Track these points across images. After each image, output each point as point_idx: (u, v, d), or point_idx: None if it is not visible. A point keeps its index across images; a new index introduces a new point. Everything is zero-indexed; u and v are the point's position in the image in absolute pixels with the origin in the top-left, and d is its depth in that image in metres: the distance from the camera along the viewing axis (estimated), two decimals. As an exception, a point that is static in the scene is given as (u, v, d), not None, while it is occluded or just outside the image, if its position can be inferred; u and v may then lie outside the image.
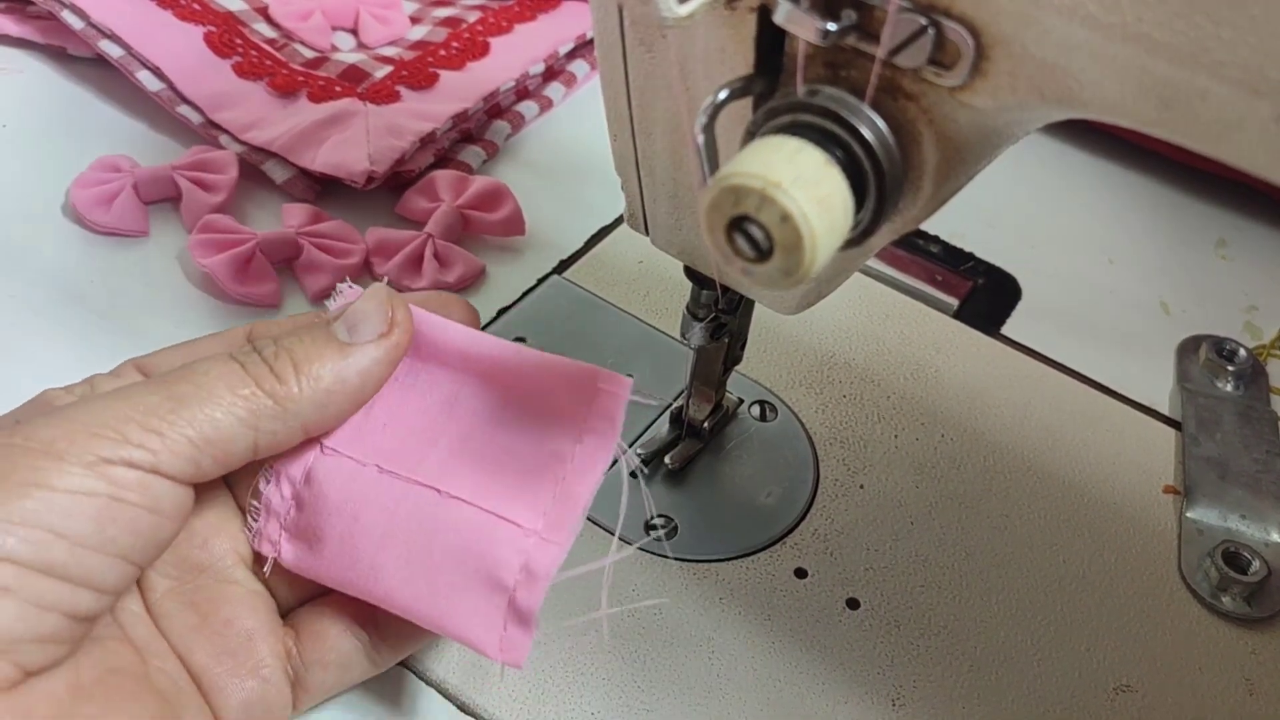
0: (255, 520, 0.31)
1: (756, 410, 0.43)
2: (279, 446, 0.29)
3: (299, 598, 0.33)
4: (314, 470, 0.31)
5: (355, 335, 0.30)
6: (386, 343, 0.30)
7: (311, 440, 0.31)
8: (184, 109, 0.52)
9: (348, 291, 0.33)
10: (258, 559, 0.32)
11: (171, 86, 0.52)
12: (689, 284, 0.36)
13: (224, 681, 0.30)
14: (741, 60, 0.26)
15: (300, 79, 0.54)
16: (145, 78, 0.53)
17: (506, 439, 0.32)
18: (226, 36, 0.55)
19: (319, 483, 0.31)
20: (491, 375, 0.32)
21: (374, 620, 0.32)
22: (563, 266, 0.49)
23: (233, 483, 0.32)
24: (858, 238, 0.25)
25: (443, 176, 0.50)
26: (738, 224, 0.23)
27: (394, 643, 0.32)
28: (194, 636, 0.30)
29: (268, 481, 0.31)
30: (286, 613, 0.33)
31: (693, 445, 0.41)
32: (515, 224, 0.50)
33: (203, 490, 0.30)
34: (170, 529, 0.28)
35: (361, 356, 0.30)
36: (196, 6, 0.56)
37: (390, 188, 0.51)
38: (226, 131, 0.51)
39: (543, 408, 0.32)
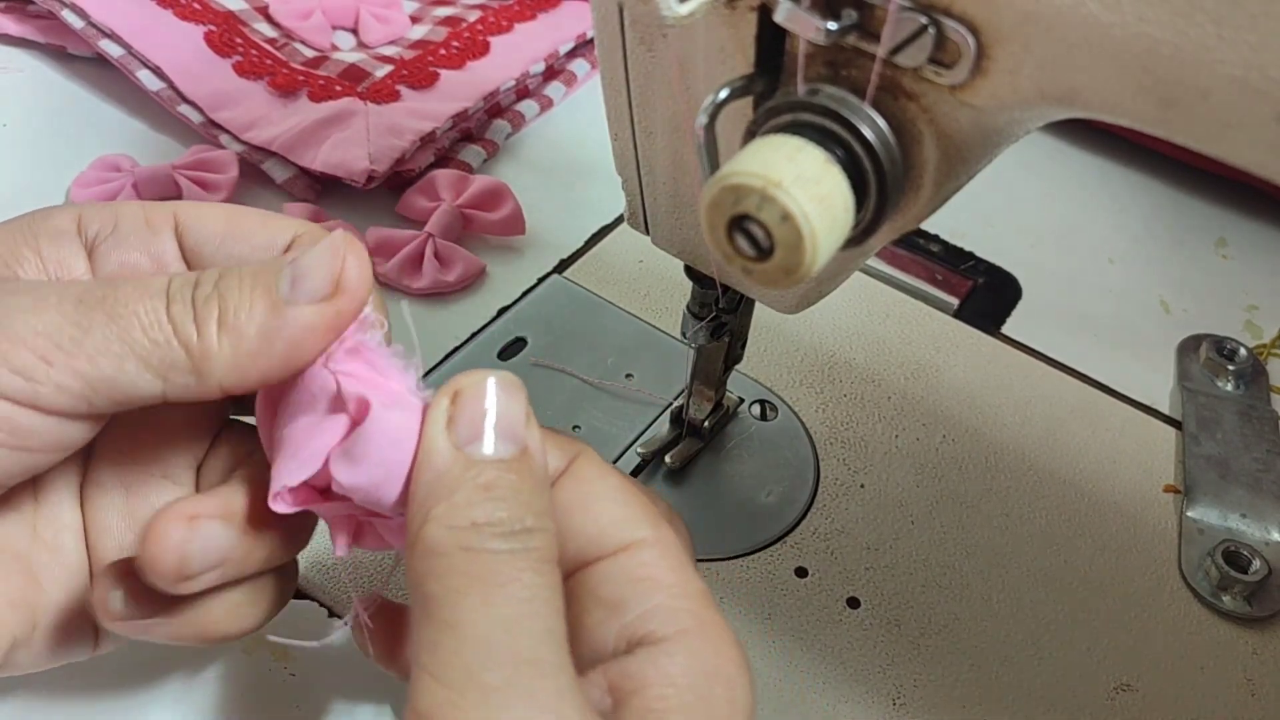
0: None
1: (757, 409, 0.43)
2: (194, 399, 0.25)
3: None
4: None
5: (295, 292, 0.25)
6: (326, 309, 0.25)
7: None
8: (184, 108, 0.52)
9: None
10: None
11: (172, 86, 0.52)
12: (689, 283, 0.36)
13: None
14: (742, 59, 0.25)
15: (300, 78, 0.54)
16: (145, 77, 0.53)
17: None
18: (227, 36, 0.55)
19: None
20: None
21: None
22: (563, 266, 0.49)
23: None
24: (858, 237, 0.25)
25: (443, 176, 0.50)
26: (738, 223, 0.23)
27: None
28: (111, 504, 0.28)
29: None
30: None
31: (693, 444, 0.41)
32: (515, 223, 0.50)
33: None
34: (41, 460, 0.25)
35: (295, 320, 0.25)
36: (197, 6, 0.56)
37: (390, 187, 0.51)
38: (227, 131, 0.51)
39: None
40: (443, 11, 0.60)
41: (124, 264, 0.28)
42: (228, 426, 0.30)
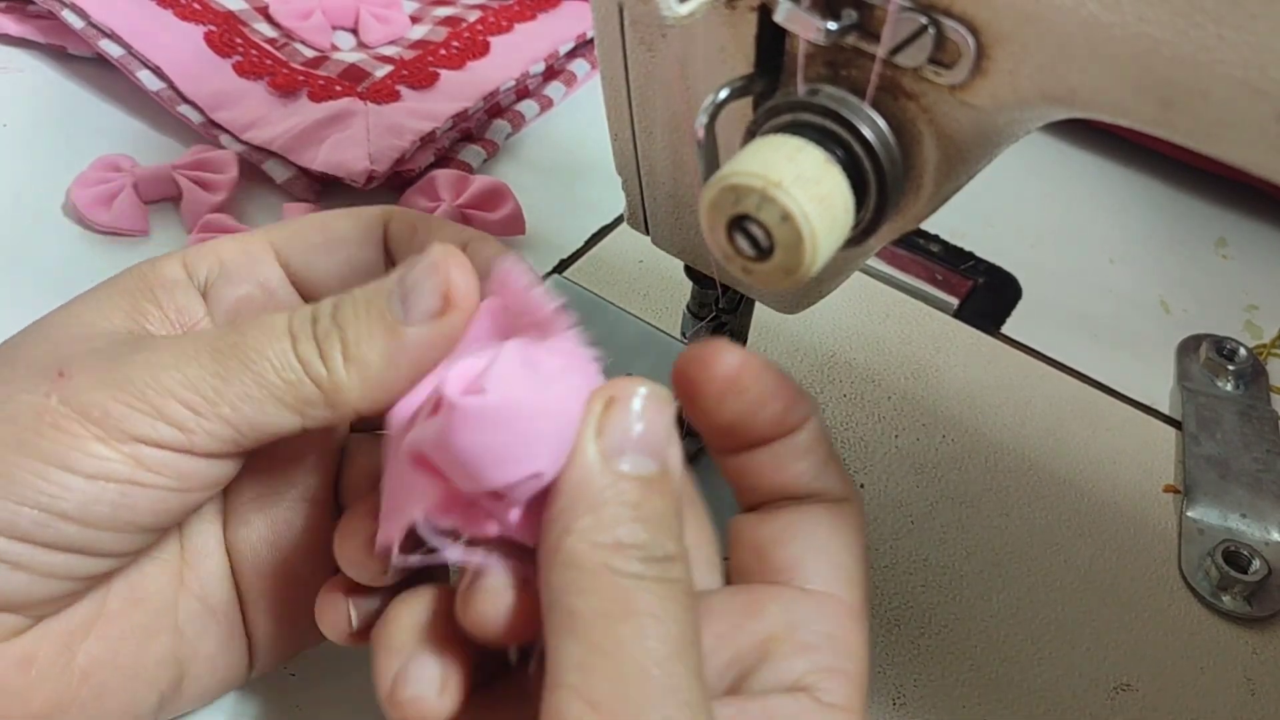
0: None
1: (757, 410, 0.43)
2: (331, 425, 0.27)
3: None
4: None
5: (408, 313, 0.26)
6: (441, 324, 0.26)
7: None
8: (184, 108, 0.52)
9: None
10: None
11: (172, 86, 0.52)
12: (689, 283, 0.36)
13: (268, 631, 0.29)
14: (742, 59, 0.25)
15: (300, 78, 0.53)
16: (145, 77, 0.53)
17: None
18: (227, 36, 0.55)
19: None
20: None
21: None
22: (563, 266, 0.49)
23: None
24: (858, 237, 0.25)
25: (443, 176, 0.50)
26: (738, 223, 0.23)
27: None
28: (258, 550, 0.30)
29: None
30: None
31: (693, 444, 0.41)
32: (515, 223, 0.50)
33: None
34: (198, 498, 0.27)
35: (413, 341, 0.26)
36: (197, 6, 0.56)
37: (390, 187, 0.51)
38: (227, 131, 0.51)
39: None
40: (443, 11, 0.60)
41: (239, 299, 0.30)
42: (353, 441, 0.31)
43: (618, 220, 0.51)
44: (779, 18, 0.23)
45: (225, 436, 0.25)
